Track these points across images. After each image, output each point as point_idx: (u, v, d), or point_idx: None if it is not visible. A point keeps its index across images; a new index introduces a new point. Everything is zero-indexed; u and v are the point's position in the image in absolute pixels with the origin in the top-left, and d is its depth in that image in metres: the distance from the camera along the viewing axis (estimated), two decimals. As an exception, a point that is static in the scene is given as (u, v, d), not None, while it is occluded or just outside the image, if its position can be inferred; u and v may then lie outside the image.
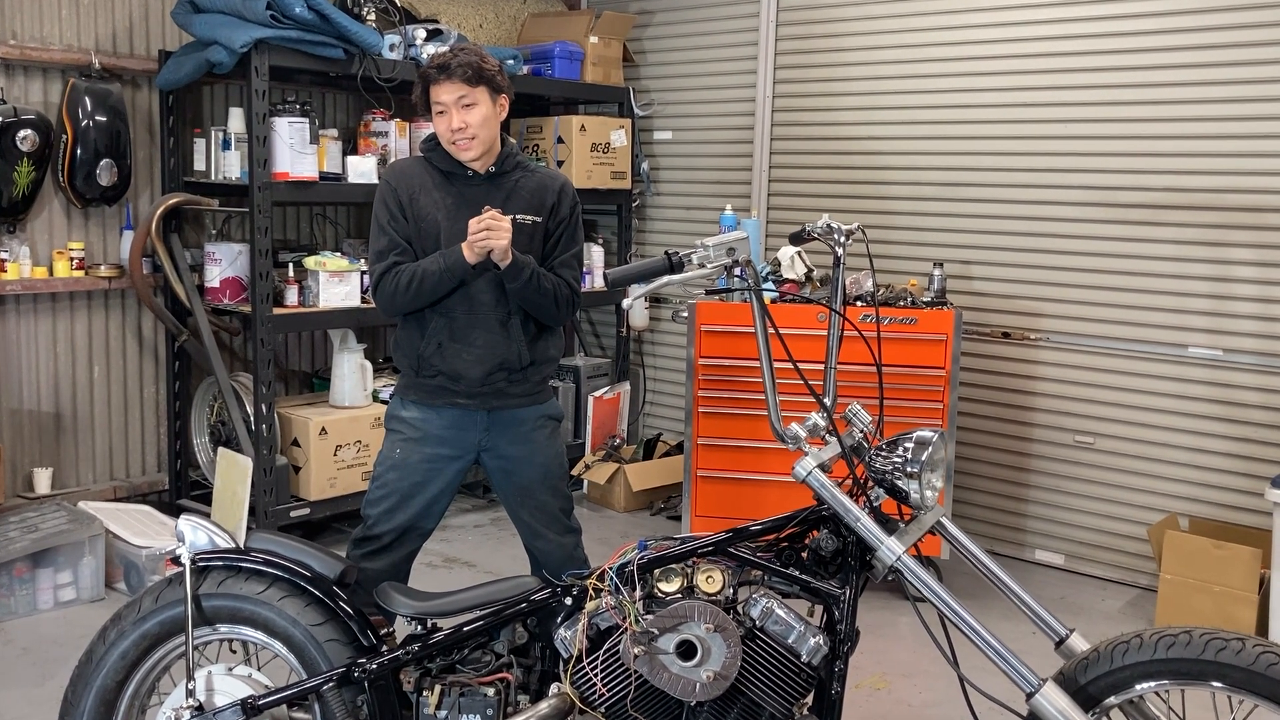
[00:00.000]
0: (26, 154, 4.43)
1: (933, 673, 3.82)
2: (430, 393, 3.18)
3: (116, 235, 4.93)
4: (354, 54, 4.77)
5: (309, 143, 4.66)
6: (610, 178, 5.84)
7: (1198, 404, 4.54)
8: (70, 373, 4.89)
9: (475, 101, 3.06)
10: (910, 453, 2.24)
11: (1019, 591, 2.35)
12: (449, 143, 3.10)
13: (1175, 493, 4.62)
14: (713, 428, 4.61)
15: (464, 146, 3.09)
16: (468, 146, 3.09)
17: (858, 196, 5.35)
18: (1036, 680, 2.14)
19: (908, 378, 4.35)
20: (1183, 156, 4.49)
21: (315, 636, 2.45)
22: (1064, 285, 4.82)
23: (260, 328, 4.59)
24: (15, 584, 4.11)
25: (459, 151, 3.11)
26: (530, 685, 2.45)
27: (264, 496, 4.63)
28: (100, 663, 2.49)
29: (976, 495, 5.14)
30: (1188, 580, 4.14)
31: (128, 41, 4.91)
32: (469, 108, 3.06)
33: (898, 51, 5.18)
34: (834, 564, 2.32)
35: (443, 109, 3.08)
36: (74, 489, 4.88)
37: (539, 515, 3.28)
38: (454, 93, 3.05)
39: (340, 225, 5.67)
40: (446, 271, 3.04)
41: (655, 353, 6.30)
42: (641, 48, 6.17)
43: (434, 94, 3.08)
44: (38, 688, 3.60)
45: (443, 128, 3.09)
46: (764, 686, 2.26)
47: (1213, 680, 2.07)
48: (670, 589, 2.31)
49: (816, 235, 2.67)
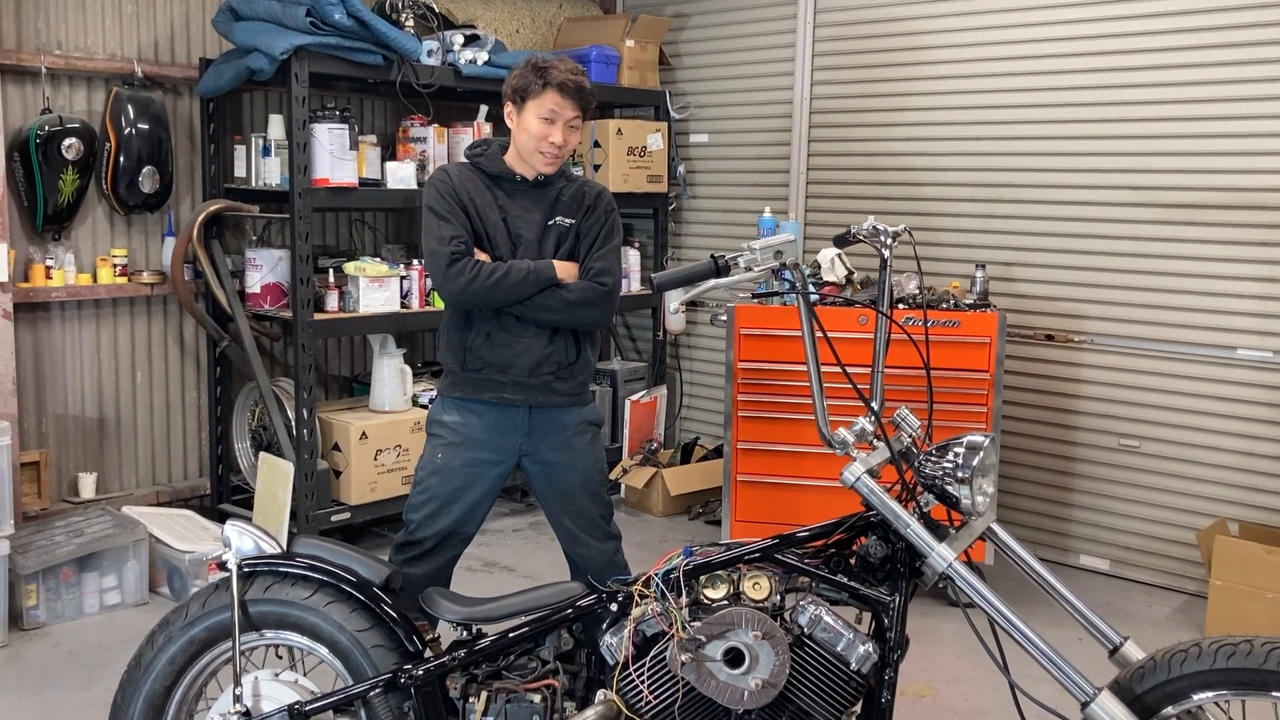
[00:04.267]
0: (71, 162, 4.48)
1: (978, 679, 3.78)
2: (476, 387, 3.17)
3: (158, 242, 4.98)
4: (392, 60, 4.79)
5: (349, 149, 4.68)
6: (646, 181, 5.83)
7: (1246, 406, 4.46)
8: (114, 378, 4.94)
9: (578, 127, 3.15)
10: (961, 458, 2.21)
11: (1071, 598, 2.31)
12: (535, 150, 3.10)
13: (1224, 497, 4.54)
14: (753, 432, 4.59)
15: (549, 161, 3.12)
16: (552, 163, 3.13)
17: (897, 198, 5.31)
18: (1091, 689, 2.10)
19: (951, 381, 4.30)
20: (1228, 156, 4.41)
21: (361, 642, 2.45)
22: (1108, 287, 4.75)
23: (301, 333, 4.62)
24: (62, 588, 4.15)
25: (540, 162, 3.11)
26: (576, 692, 2.44)
27: (305, 501, 4.66)
28: (149, 667, 2.50)
29: (1020, 500, 5.08)
30: (1238, 586, 4.07)
31: (169, 50, 4.96)
32: (573, 130, 3.13)
33: (936, 52, 5.13)
34: (882, 570, 2.29)
35: (553, 118, 3.08)
36: (117, 494, 4.93)
37: (580, 521, 3.27)
38: (570, 110, 3.10)
39: (379, 231, 5.69)
40: (533, 273, 3.07)
41: (692, 356, 6.28)
42: (678, 50, 6.16)
43: (551, 100, 3.07)
44: (85, 691, 3.63)
45: (540, 132, 3.08)
46: (812, 695, 2.23)
47: (1275, 691, 2.02)
48: (717, 596, 2.29)
49: (862, 237, 2.63)
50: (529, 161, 3.14)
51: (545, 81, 3.08)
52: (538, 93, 3.08)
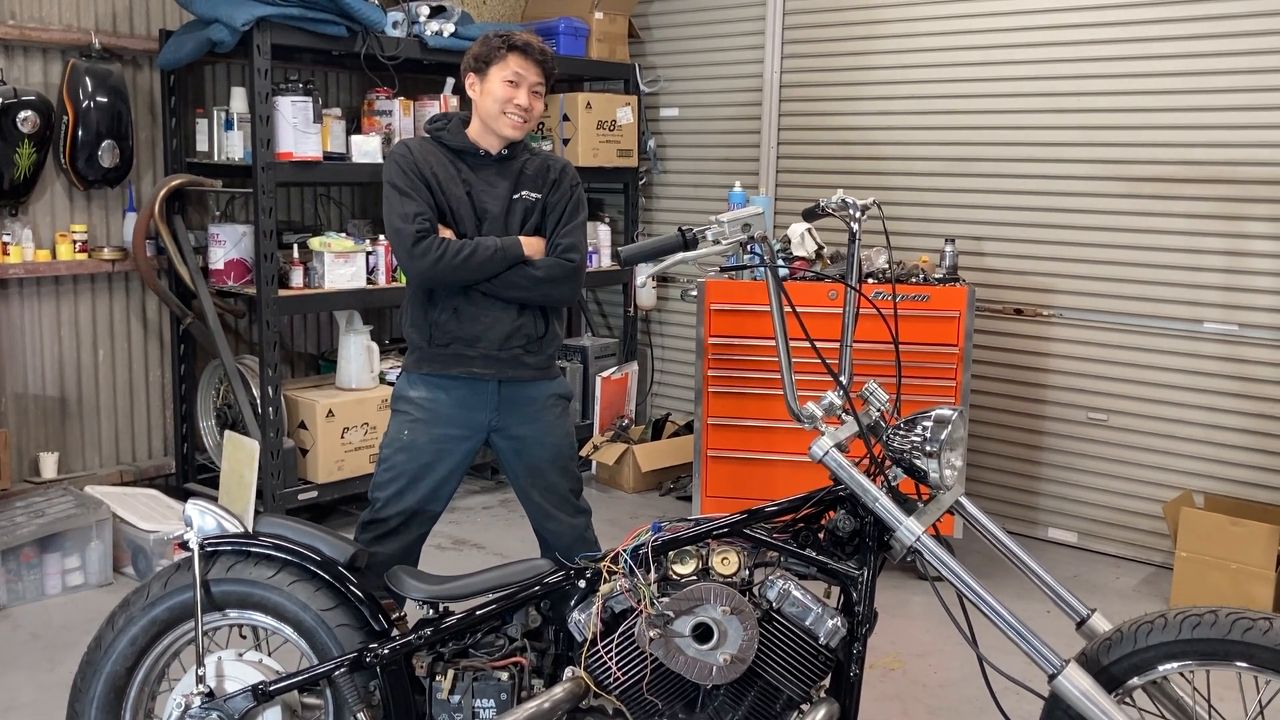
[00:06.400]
0: (27, 135, 4.39)
1: (947, 652, 3.80)
2: (444, 362, 3.13)
3: (119, 217, 4.89)
4: (357, 31, 4.71)
5: (312, 122, 4.61)
6: (616, 155, 5.79)
7: (1213, 380, 4.49)
8: (75, 356, 4.86)
9: (541, 94, 3.13)
10: (929, 431, 2.20)
11: (1039, 571, 2.32)
12: (500, 113, 3.06)
13: (1190, 469, 4.58)
14: (723, 408, 4.58)
15: (515, 124, 3.08)
16: (518, 126, 3.09)
17: (867, 173, 5.29)
18: (1059, 661, 2.11)
19: (920, 355, 4.31)
20: (1196, 129, 4.42)
21: (326, 621, 2.42)
22: (1077, 261, 4.77)
23: (265, 310, 4.56)
24: (23, 569, 4.09)
25: (506, 125, 3.07)
26: (544, 669, 2.42)
27: (271, 479, 4.61)
28: (110, 649, 2.47)
29: (989, 473, 5.10)
30: (1204, 558, 4.10)
31: (128, 21, 4.85)
32: (537, 95, 3.12)
33: (907, 24, 5.11)
34: (851, 545, 2.29)
35: (517, 82, 3.06)
36: (80, 473, 4.86)
37: (549, 496, 3.25)
38: (534, 75, 3.09)
39: (345, 206, 5.62)
40: (500, 251, 3.04)
41: (663, 332, 6.26)
42: (647, 23, 6.10)
43: (513, 63, 3.06)
44: (47, 673, 3.58)
45: (505, 94, 3.05)
46: (781, 669, 2.23)
47: (1238, 660, 2.03)
48: (685, 571, 2.28)
49: (831, 211, 2.62)
50: (494, 128, 3.09)
51: (508, 45, 3.07)
52: (500, 58, 3.07)
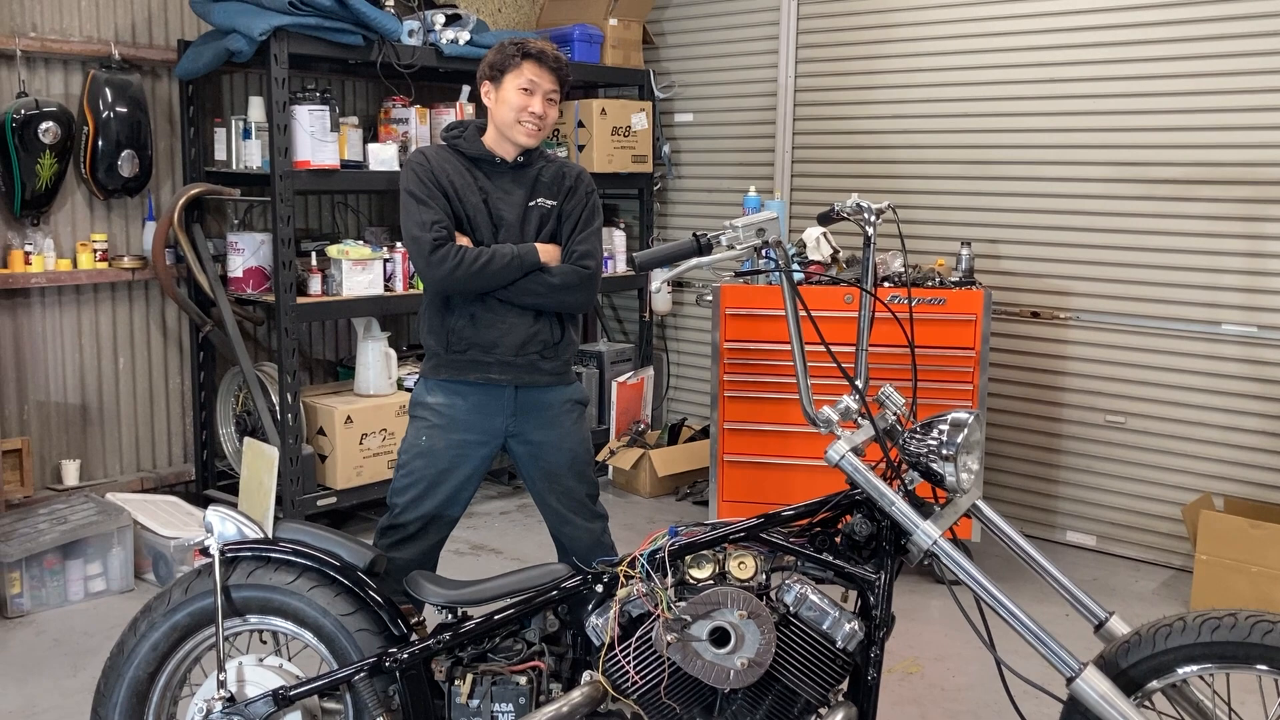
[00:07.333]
0: (49, 146, 4.43)
1: (965, 656, 3.79)
2: (460, 368, 3.14)
3: (139, 226, 4.94)
4: (373, 40, 4.74)
5: (330, 130, 4.64)
6: (631, 161, 5.80)
7: (1232, 382, 4.47)
8: (96, 365, 4.90)
9: (555, 101, 3.14)
10: (946, 435, 2.20)
11: (1056, 574, 2.32)
12: (514, 121, 3.07)
13: (1209, 472, 4.55)
14: (739, 412, 4.58)
15: (530, 133, 3.09)
16: (533, 134, 3.10)
17: (882, 176, 5.29)
18: (1077, 664, 2.10)
19: (937, 359, 4.30)
20: (1213, 130, 4.40)
21: (346, 626, 2.44)
22: (1094, 263, 4.75)
23: (284, 317, 4.59)
24: (46, 575, 4.13)
25: (520, 133, 3.09)
26: (562, 673, 2.43)
27: (290, 486, 4.64)
28: (132, 654, 2.49)
29: (1006, 477, 5.09)
30: (1224, 561, 4.08)
31: (147, 32, 4.90)
32: (552, 103, 3.12)
33: (921, 29, 5.11)
34: (868, 549, 2.29)
35: (532, 89, 3.07)
36: (101, 480, 4.90)
37: (566, 501, 3.26)
38: (548, 82, 3.10)
39: (362, 213, 5.66)
40: (517, 258, 3.05)
41: (678, 337, 6.27)
42: (661, 29, 6.12)
43: (529, 70, 3.07)
44: (70, 678, 3.61)
45: (520, 102, 3.06)
46: (799, 673, 2.23)
47: (1259, 664, 2.02)
48: (702, 575, 2.29)
49: (846, 215, 2.62)
50: (509, 136, 3.11)
51: (522, 53, 3.08)
52: (515, 65, 3.08)
